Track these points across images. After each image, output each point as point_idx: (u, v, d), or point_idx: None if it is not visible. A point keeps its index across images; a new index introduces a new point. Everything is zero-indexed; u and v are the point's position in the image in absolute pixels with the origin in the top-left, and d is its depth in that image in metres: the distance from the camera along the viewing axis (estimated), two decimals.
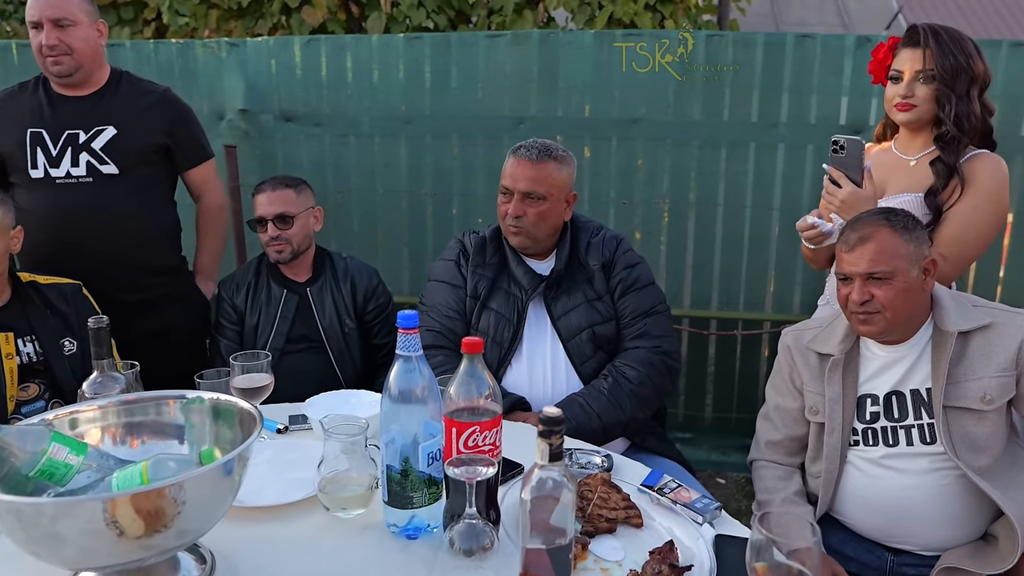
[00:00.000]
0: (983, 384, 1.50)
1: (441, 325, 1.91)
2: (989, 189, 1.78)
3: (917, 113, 1.80)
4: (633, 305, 1.88)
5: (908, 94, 1.79)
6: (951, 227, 1.77)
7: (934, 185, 1.79)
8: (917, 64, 1.78)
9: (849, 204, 1.75)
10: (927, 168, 1.83)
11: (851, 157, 1.75)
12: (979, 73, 1.79)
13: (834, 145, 1.76)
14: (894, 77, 1.83)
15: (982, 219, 1.78)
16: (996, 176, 1.79)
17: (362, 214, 3.34)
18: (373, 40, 3.23)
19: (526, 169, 1.84)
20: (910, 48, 1.81)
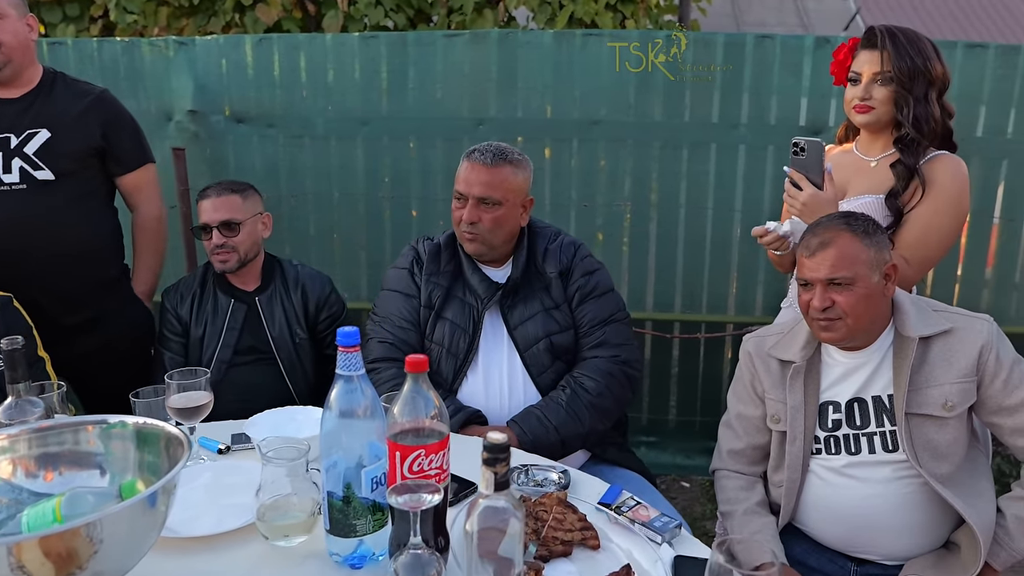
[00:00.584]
0: (944, 391, 1.47)
1: (394, 336, 1.83)
2: (950, 191, 1.76)
3: (876, 115, 1.78)
4: (592, 313, 1.83)
5: (866, 96, 1.77)
6: (913, 230, 1.75)
7: (895, 187, 1.77)
8: (875, 66, 1.76)
9: (810, 206, 1.72)
10: (888, 169, 1.81)
11: (811, 159, 1.72)
12: (937, 75, 1.77)
13: (794, 147, 1.74)
14: (853, 79, 1.81)
15: (943, 221, 1.77)
16: (957, 178, 1.77)
17: (318, 218, 3.25)
18: (327, 39, 3.14)
19: (480, 174, 1.77)
20: (868, 50, 1.79)
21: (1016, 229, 2.98)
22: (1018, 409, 1.47)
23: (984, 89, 2.87)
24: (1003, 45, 2.87)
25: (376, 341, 1.85)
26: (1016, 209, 2.97)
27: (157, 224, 2.33)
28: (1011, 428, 1.50)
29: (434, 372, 1.83)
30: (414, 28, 4.47)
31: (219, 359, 2.09)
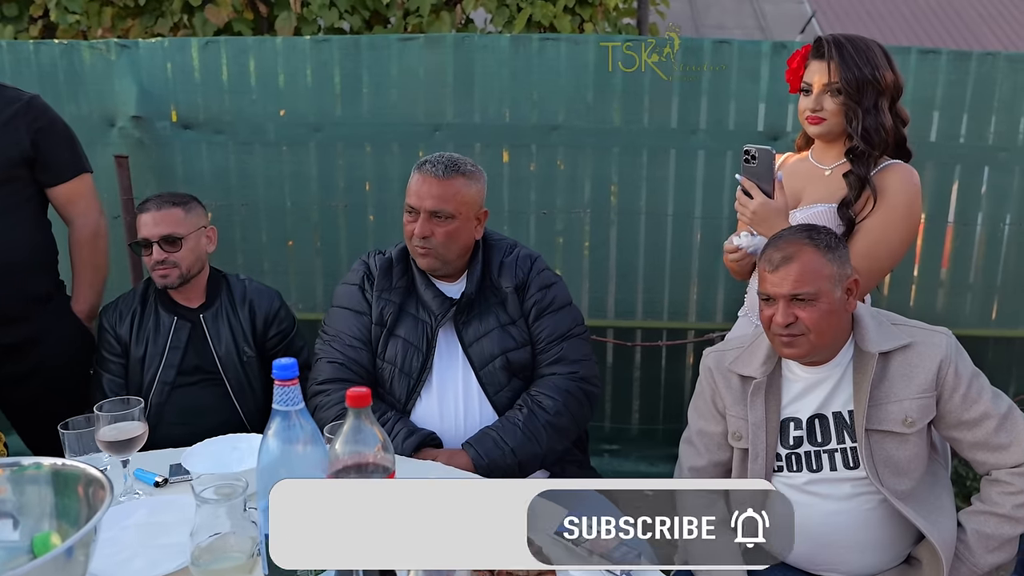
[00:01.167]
0: (904, 406, 1.46)
1: (344, 356, 1.76)
2: (901, 202, 1.74)
3: (828, 126, 1.76)
4: (549, 329, 1.78)
5: (817, 107, 1.75)
6: (864, 241, 1.73)
7: (847, 197, 1.75)
8: (824, 77, 1.74)
9: (760, 215, 1.70)
10: (842, 178, 1.79)
11: (762, 167, 1.70)
12: (888, 84, 1.75)
13: (745, 155, 1.71)
14: (805, 89, 1.79)
15: (894, 233, 1.75)
16: (908, 188, 1.75)
17: (270, 226, 3.15)
18: (277, 42, 3.05)
19: (432, 186, 1.71)
20: (817, 60, 1.77)
21: (970, 233, 3.01)
22: (977, 423, 1.46)
23: (937, 94, 2.89)
24: (955, 51, 2.89)
25: (325, 361, 1.77)
26: (969, 213, 3.00)
27: (94, 238, 2.21)
28: (970, 442, 1.48)
29: (387, 392, 1.77)
30: (370, 30, 4.38)
31: (161, 380, 2.00)
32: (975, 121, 2.92)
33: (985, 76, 2.87)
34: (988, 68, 2.87)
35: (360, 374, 1.75)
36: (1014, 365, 3.12)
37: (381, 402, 1.75)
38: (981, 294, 3.06)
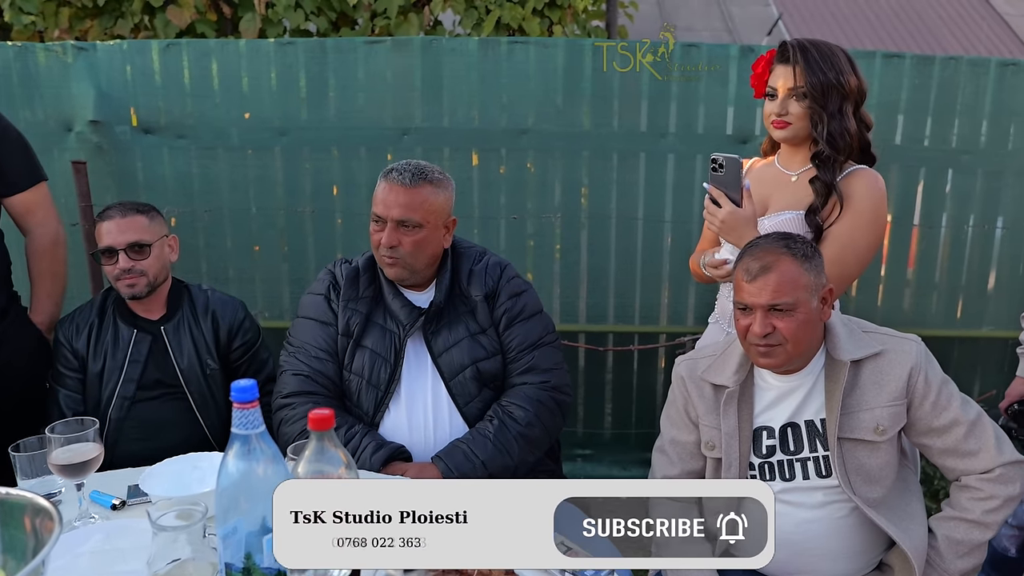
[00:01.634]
0: (875, 415, 1.46)
1: (310, 368, 1.72)
2: (867, 208, 1.75)
3: (792, 131, 1.76)
4: (520, 337, 1.75)
5: (782, 112, 1.75)
6: (831, 247, 1.73)
7: (814, 203, 1.75)
8: (789, 81, 1.74)
9: (729, 224, 1.69)
10: (806, 184, 1.79)
11: (730, 175, 1.69)
12: (852, 88, 1.75)
13: (713, 163, 1.70)
14: (770, 94, 1.78)
15: (861, 239, 1.75)
16: (874, 194, 1.76)
17: (236, 233, 3.09)
18: (241, 45, 2.99)
19: (399, 195, 1.68)
20: (782, 65, 1.76)
21: (935, 235, 3.05)
22: (947, 430, 1.47)
23: (902, 98, 2.93)
24: (919, 55, 2.93)
25: (290, 374, 1.73)
26: (934, 215, 3.04)
27: (54, 247, 2.14)
28: (940, 449, 1.49)
29: (354, 405, 1.73)
30: (337, 32, 4.32)
31: (121, 395, 1.93)
32: (938, 124, 2.96)
33: (948, 80, 2.91)
34: (951, 72, 2.91)
35: (326, 386, 1.71)
36: (979, 364, 3.16)
37: (348, 415, 1.71)
38: (946, 295, 3.10)
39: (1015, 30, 8.83)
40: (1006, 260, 3.06)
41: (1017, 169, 2.99)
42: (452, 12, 4.24)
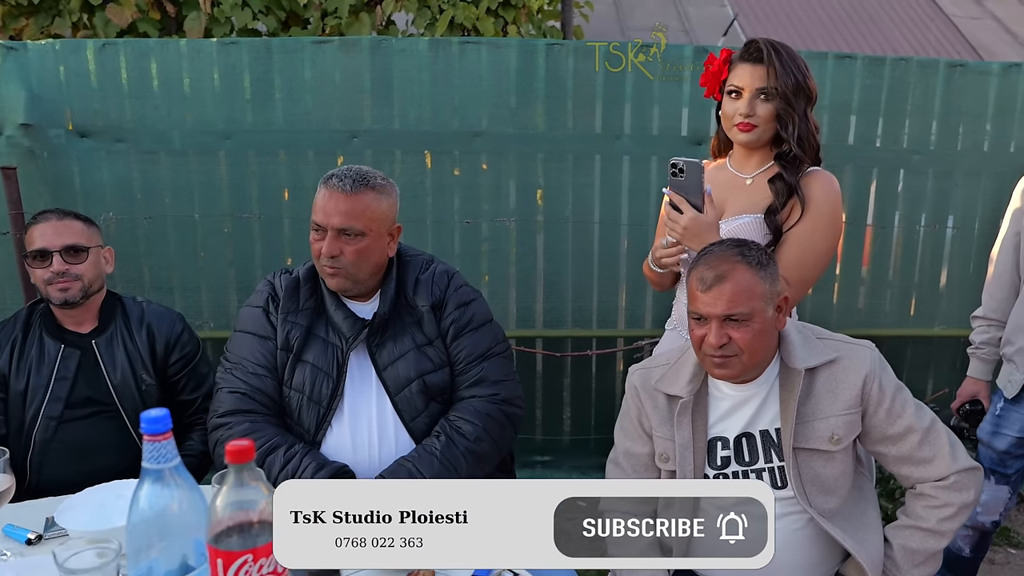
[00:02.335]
0: (830, 424, 1.43)
1: (247, 385, 1.63)
2: (825, 209, 1.73)
3: (758, 133, 1.72)
4: (468, 348, 1.69)
5: (749, 112, 1.71)
6: (792, 250, 1.71)
7: (773, 204, 1.73)
8: (759, 81, 1.70)
9: (691, 230, 1.65)
10: (764, 187, 1.76)
11: (691, 180, 1.65)
12: (813, 91, 1.74)
13: (673, 168, 1.65)
14: (733, 93, 1.74)
15: (820, 240, 1.73)
16: (831, 196, 1.75)
17: (179, 240, 2.97)
18: (182, 45, 2.87)
19: (339, 202, 1.60)
20: (750, 64, 1.72)
21: (888, 235, 3.07)
22: (902, 437, 1.45)
23: (854, 98, 2.94)
24: (870, 56, 2.94)
25: (226, 391, 1.64)
26: (887, 215, 3.06)
27: None
28: (895, 457, 1.47)
29: (294, 423, 1.65)
30: (286, 31, 4.21)
31: (46, 415, 1.82)
32: (890, 125, 2.98)
33: (898, 81, 2.93)
34: (901, 73, 2.93)
35: (265, 404, 1.62)
36: (932, 363, 3.19)
37: (288, 433, 1.63)
38: (899, 294, 3.13)
39: (962, 32, 9.05)
40: (957, 259, 3.10)
41: (967, 169, 3.03)
42: (405, 12, 4.15)
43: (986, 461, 2.03)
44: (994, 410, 2.02)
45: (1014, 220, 2.00)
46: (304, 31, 4.25)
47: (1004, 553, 2.85)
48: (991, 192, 3.04)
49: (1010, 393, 1.96)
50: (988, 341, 2.06)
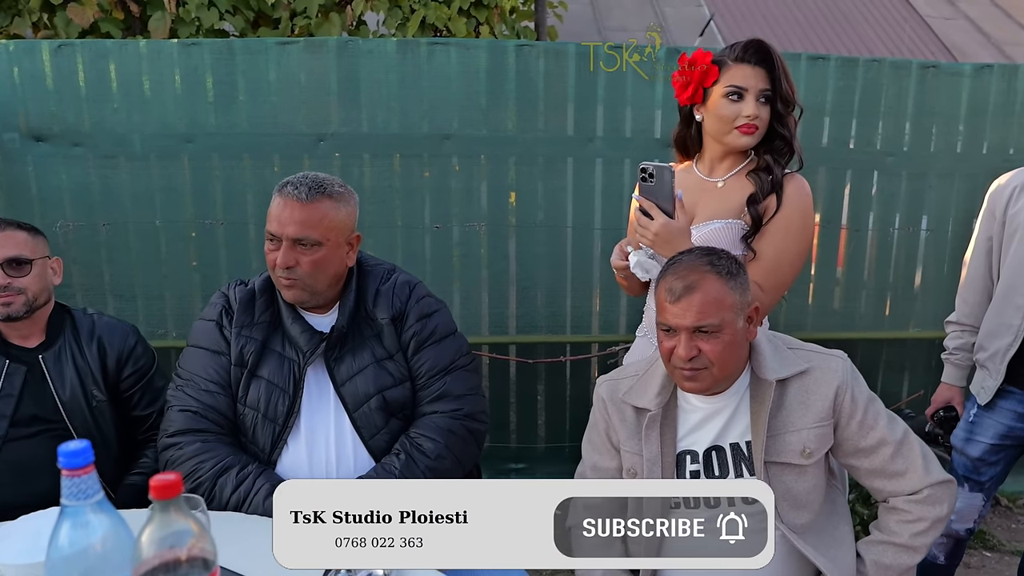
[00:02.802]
0: (802, 436, 1.39)
1: (199, 403, 1.56)
2: (799, 213, 1.71)
3: (758, 136, 1.70)
4: (430, 362, 1.63)
5: (755, 115, 1.67)
6: (764, 256, 1.67)
7: (755, 193, 1.69)
8: (762, 83, 1.66)
9: (663, 237, 1.60)
10: (735, 190, 1.73)
11: (661, 185, 1.60)
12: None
13: (642, 173, 1.61)
14: (733, 95, 1.68)
15: (794, 244, 1.71)
16: (804, 200, 1.73)
17: (141, 247, 2.88)
18: (141, 46, 2.79)
19: (295, 211, 1.54)
20: (750, 65, 1.67)
21: (862, 237, 3.05)
22: (874, 450, 1.41)
23: (827, 100, 2.91)
24: (843, 57, 2.92)
25: (176, 410, 1.57)
26: (861, 217, 3.04)
27: None
28: (867, 470, 1.43)
29: (249, 441, 1.58)
30: (255, 32, 4.12)
31: None
32: (863, 126, 2.96)
33: (872, 82, 2.91)
34: (874, 74, 2.91)
35: (218, 422, 1.56)
36: (907, 365, 3.18)
37: (243, 453, 1.56)
38: (874, 297, 3.11)
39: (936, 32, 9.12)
40: (931, 261, 3.09)
41: (940, 171, 3.01)
42: (375, 12, 4.08)
43: (960, 468, 2.00)
44: (968, 416, 2.00)
45: (985, 224, 1.97)
46: (274, 31, 4.17)
47: (979, 556, 2.84)
48: (964, 194, 3.03)
49: (983, 400, 1.94)
50: (962, 347, 2.03)
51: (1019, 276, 1.84)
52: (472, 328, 2.99)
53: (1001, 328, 1.88)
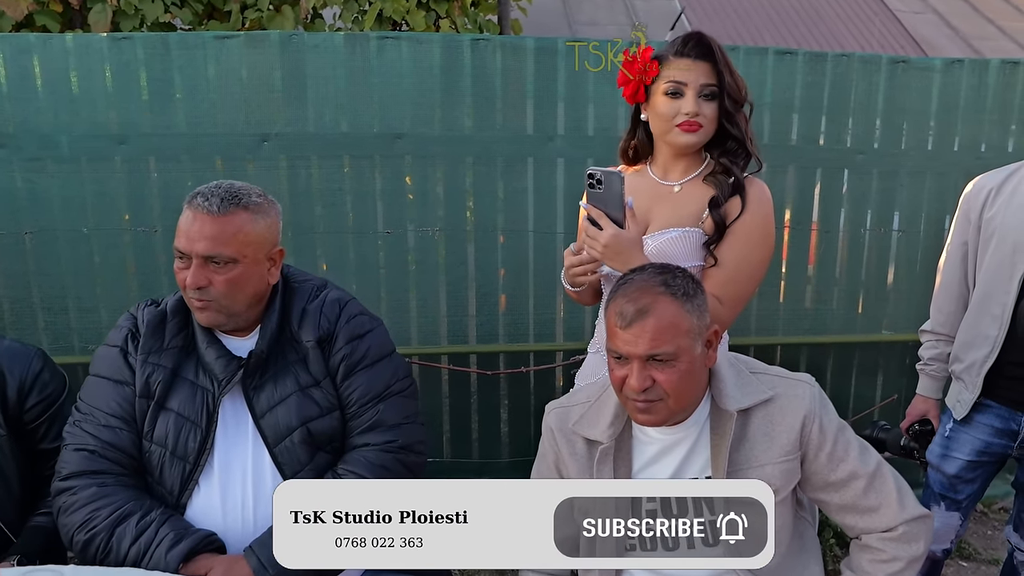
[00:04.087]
0: (767, 472, 1.26)
1: (97, 441, 1.39)
2: (760, 219, 1.59)
3: (703, 134, 1.56)
4: (361, 388, 1.47)
5: (697, 111, 1.54)
6: (723, 267, 1.55)
7: (716, 196, 1.56)
8: (703, 77, 1.53)
9: (612, 248, 1.47)
10: (693, 195, 1.60)
11: (610, 192, 1.47)
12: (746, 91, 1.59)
13: (589, 179, 1.47)
14: (674, 92, 1.55)
15: (756, 253, 1.59)
16: (764, 207, 1.60)
17: (73, 256, 2.70)
18: (68, 40, 2.60)
19: (205, 225, 1.38)
20: (690, 59, 1.54)
21: (833, 238, 2.95)
22: (845, 484, 1.29)
23: (796, 96, 2.80)
24: (811, 52, 2.81)
25: (72, 449, 1.40)
26: (831, 218, 2.93)
27: None
28: (838, 505, 1.31)
29: (156, 482, 1.42)
30: (203, 25, 3.93)
31: None
32: (833, 124, 2.85)
33: (841, 78, 2.81)
34: (843, 69, 2.81)
35: (120, 462, 1.39)
36: (879, 370, 3.09)
37: (147, 496, 1.39)
38: (846, 299, 3.01)
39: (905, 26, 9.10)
40: (903, 262, 3.00)
41: (911, 169, 2.92)
42: (330, 6, 3.91)
43: (936, 485, 1.90)
44: (943, 431, 1.89)
45: (960, 229, 1.86)
46: (224, 25, 3.98)
47: (956, 567, 2.76)
48: (935, 193, 2.95)
49: (959, 414, 1.83)
50: (937, 357, 1.92)
51: (995, 284, 1.73)
52: (430, 338, 2.85)
53: (977, 339, 1.77)
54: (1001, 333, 1.72)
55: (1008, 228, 1.70)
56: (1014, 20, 9.28)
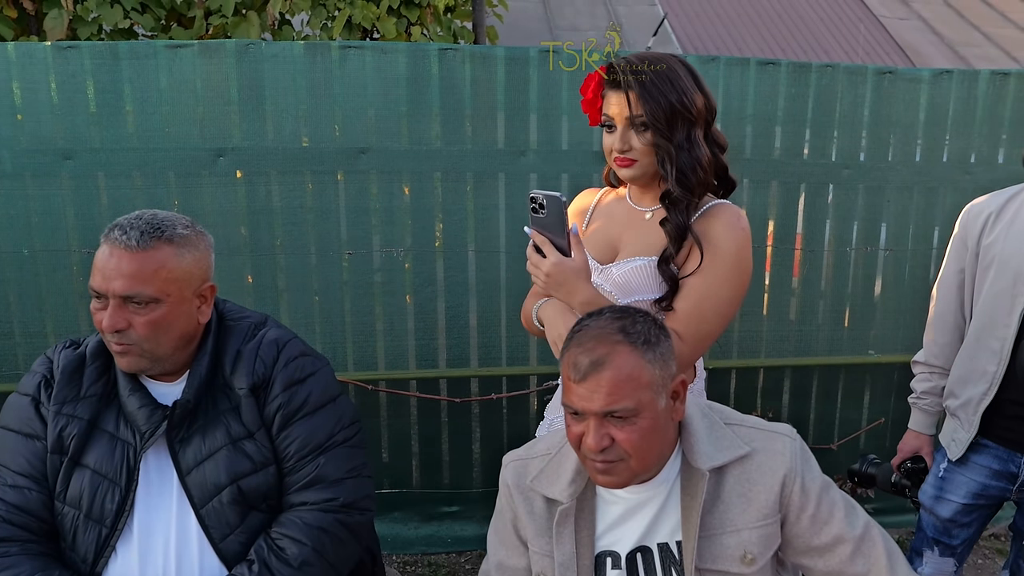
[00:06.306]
0: (742, 538, 1.14)
1: (2, 504, 1.25)
2: (727, 252, 1.41)
3: (640, 168, 1.42)
4: (300, 440, 1.34)
5: (625, 147, 1.41)
6: (686, 300, 1.40)
7: (667, 250, 1.42)
8: (626, 110, 1.40)
9: (555, 278, 1.34)
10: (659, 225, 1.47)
11: (552, 218, 1.34)
12: (700, 110, 1.41)
13: (532, 203, 1.34)
14: (607, 124, 1.44)
15: (722, 290, 1.41)
16: (735, 235, 1.42)
17: (19, 278, 2.55)
18: (8, 49, 2.45)
19: (122, 261, 1.24)
20: (615, 91, 1.42)
21: (818, 258, 2.84)
22: (830, 549, 1.17)
23: (779, 108, 2.69)
24: (795, 63, 2.69)
25: None
26: (816, 235, 2.82)
27: None
28: (823, 572, 1.19)
29: (69, 548, 1.27)
30: (166, 32, 3.78)
31: None
32: (817, 137, 2.75)
33: (825, 89, 2.70)
34: (828, 80, 2.70)
35: (27, 527, 1.25)
36: (865, 392, 2.98)
37: (57, 564, 1.25)
38: (831, 320, 2.90)
39: (891, 32, 9.06)
40: (890, 281, 2.89)
41: (898, 183, 2.81)
42: (296, 12, 3.77)
43: (929, 529, 1.78)
44: (936, 471, 1.77)
45: (956, 255, 1.73)
46: (187, 33, 3.83)
47: None
48: (923, 207, 2.85)
49: (954, 454, 1.70)
50: (930, 390, 1.80)
51: (994, 316, 1.61)
52: (398, 362, 2.71)
53: (973, 375, 1.65)
54: (1000, 369, 1.60)
55: (1008, 255, 1.58)
56: (1000, 27, 9.25)
